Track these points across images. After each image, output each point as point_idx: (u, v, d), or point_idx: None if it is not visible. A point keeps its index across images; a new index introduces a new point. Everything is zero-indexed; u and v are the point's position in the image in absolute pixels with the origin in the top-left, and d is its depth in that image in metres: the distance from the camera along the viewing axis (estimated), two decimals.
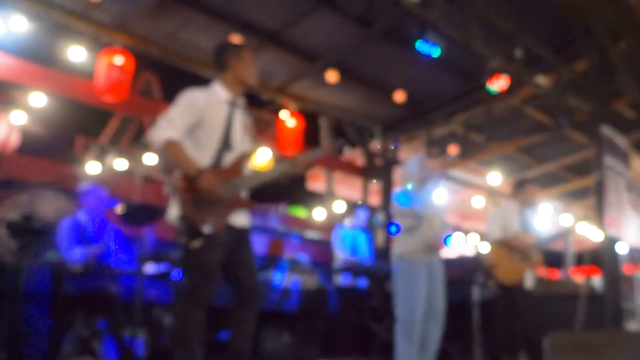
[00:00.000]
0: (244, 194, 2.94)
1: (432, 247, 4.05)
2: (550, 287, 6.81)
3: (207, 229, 2.71)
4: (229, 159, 2.88)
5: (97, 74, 5.78)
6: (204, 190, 2.70)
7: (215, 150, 2.85)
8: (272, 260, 5.83)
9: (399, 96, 7.10)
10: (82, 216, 4.53)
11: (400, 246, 4.07)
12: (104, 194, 4.61)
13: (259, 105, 8.16)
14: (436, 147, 7.79)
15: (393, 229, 4.22)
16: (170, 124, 2.78)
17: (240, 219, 2.90)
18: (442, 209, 4.34)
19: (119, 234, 4.65)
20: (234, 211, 2.83)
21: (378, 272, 5.35)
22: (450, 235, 4.36)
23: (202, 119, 2.85)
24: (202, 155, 2.82)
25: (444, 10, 4.94)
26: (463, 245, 10.51)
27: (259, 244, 6.39)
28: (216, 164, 2.84)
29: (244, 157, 2.95)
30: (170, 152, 2.77)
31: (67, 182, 5.67)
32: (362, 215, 6.22)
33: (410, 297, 3.90)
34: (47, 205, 3.57)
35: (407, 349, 3.84)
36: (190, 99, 2.87)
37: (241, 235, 2.91)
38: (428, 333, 3.93)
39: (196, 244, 2.68)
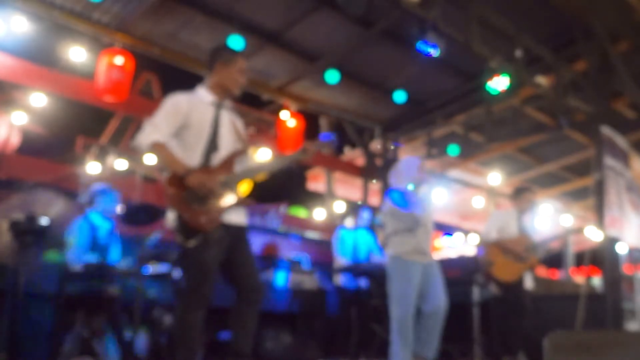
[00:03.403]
0: (238, 192, 2.92)
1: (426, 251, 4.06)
2: (550, 287, 6.81)
3: (211, 225, 2.72)
4: (216, 159, 2.89)
5: (97, 74, 5.79)
6: (194, 186, 2.71)
7: (203, 151, 2.87)
8: (272, 261, 5.84)
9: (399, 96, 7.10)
10: (94, 218, 4.50)
11: (394, 247, 4.06)
12: (116, 196, 4.59)
13: (260, 105, 8.16)
14: (436, 147, 7.79)
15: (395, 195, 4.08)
16: (155, 128, 2.81)
17: (237, 217, 2.91)
18: (433, 211, 4.31)
19: (123, 235, 4.64)
20: (228, 209, 2.83)
21: (378, 272, 5.35)
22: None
23: (187, 122, 2.87)
24: (190, 157, 2.84)
25: (444, 10, 4.95)
26: (463, 245, 10.51)
27: (259, 244, 6.39)
28: (204, 165, 2.86)
29: (235, 155, 2.95)
30: (157, 154, 2.81)
31: (67, 183, 5.67)
32: (365, 216, 6.21)
33: (403, 297, 3.90)
34: (46, 206, 3.57)
35: (401, 347, 3.84)
36: (174, 103, 2.90)
37: (239, 234, 2.91)
38: (429, 330, 3.92)
39: (192, 242, 2.69)
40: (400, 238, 4.03)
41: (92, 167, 7.39)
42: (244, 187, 2.94)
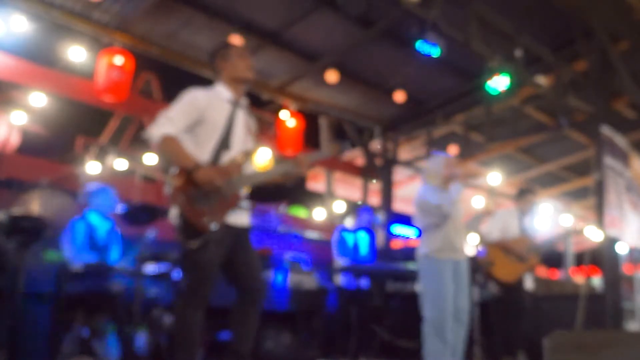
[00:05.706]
0: (243, 192, 2.92)
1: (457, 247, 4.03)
2: (550, 287, 6.81)
3: (213, 226, 2.70)
4: (226, 157, 2.87)
5: (97, 74, 5.79)
6: (202, 182, 2.68)
7: (214, 149, 2.85)
8: (271, 261, 5.83)
9: (399, 96, 7.11)
10: (92, 218, 4.48)
11: (425, 245, 4.01)
12: (112, 195, 4.58)
13: (259, 105, 8.15)
14: (436, 147, 7.79)
15: (415, 231, 4.16)
16: (169, 121, 2.78)
17: (240, 218, 2.89)
18: (462, 210, 4.30)
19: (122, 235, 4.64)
20: (232, 209, 2.81)
21: (378, 272, 5.35)
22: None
23: (203, 118, 2.84)
24: (200, 153, 2.81)
25: (444, 10, 4.95)
26: None
27: (259, 244, 6.38)
28: (213, 162, 2.83)
29: (245, 155, 2.94)
30: (167, 147, 2.76)
31: (67, 182, 5.67)
32: (365, 217, 6.21)
33: (439, 296, 3.84)
34: (55, 206, 3.57)
35: (440, 349, 3.76)
36: (192, 98, 2.87)
37: (242, 235, 2.89)
38: (453, 334, 3.86)
39: (194, 243, 2.67)
40: (430, 235, 4.00)
41: (92, 167, 7.39)
42: (245, 187, 2.93)
